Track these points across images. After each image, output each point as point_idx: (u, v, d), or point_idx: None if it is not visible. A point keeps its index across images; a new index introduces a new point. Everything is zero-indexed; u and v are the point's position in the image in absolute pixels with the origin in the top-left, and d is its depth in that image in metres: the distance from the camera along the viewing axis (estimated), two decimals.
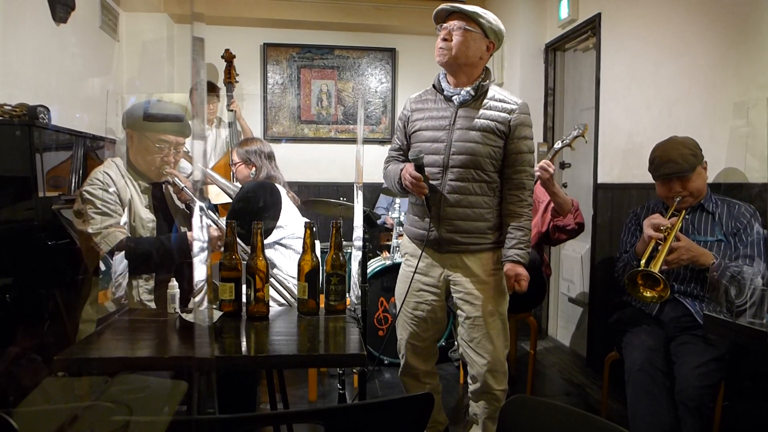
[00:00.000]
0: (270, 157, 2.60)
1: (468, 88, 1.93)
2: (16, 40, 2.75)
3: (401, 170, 1.97)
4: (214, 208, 2.75)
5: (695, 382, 1.79)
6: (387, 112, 4.87)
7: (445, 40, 1.90)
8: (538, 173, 2.36)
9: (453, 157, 1.92)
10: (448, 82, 1.98)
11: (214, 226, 2.03)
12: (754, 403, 1.98)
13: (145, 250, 1.97)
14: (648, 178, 2.17)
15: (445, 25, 1.91)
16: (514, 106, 1.93)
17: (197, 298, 1.22)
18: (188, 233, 2.03)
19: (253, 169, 2.55)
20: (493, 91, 1.97)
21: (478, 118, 1.91)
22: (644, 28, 2.81)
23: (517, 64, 3.94)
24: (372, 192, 4.47)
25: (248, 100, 4.64)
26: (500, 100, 1.94)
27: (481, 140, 1.90)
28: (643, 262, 1.93)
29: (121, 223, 1.96)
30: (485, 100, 1.94)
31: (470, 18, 1.87)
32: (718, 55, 2.33)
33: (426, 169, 1.94)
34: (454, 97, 1.95)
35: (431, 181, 1.95)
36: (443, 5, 1.90)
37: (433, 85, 2.04)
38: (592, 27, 3.30)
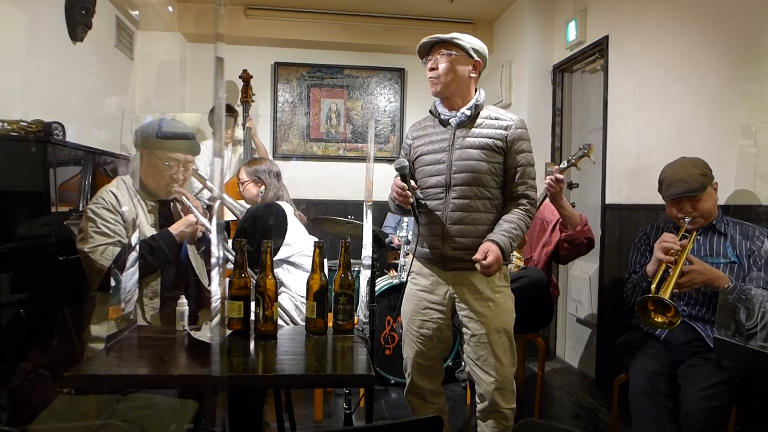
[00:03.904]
0: (278, 176, 2.64)
1: (463, 110, 1.99)
2: (34, 58, 2.81)
3: None
4: (226, 225, 2.76)
5: (701, 404, 1.75)
6: (395, 131, 4.90)
7: (432, 69, 1.98)
8: (546, 186, 2.38)
9: (455, 175, 1.95)
10: (444, 106, 2.04)
11: (195, 219, 2.05)
12: (766, 428, 1.95)
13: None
14: (656, 199, 2.16)
15: (429, 57, 2.00)
16: (510, 122, 1.97)
17: (211, 315, 1.22)
18: (169, 228, 2.03)
19: (262, 187, 2.58)
20: (488, 110, 2.02)
21: (476, 137, 1.97)
22: (652, 50, 2.83)
23: (525, 85, 3.98)
24: (380, 210, 4.48)
25: (259, 118, 4.69)
26: (495, 118, 2.00)
27: (481, 157, 1.94)
28: (653, 286, 1.90)
29: (133, 243, 1.96)
30: (481, 119, 2.00)
31: (449, 43, 1.95)
32: (725, 76, 2.34)
33: (429, 189, 1.98)
34: (451, 120, 2.01)
35: (432, 200, 1.98)
36: (423, 39, 1.98)
37: (430, 111, 2.10)
38: (599, 49, 3.33)
